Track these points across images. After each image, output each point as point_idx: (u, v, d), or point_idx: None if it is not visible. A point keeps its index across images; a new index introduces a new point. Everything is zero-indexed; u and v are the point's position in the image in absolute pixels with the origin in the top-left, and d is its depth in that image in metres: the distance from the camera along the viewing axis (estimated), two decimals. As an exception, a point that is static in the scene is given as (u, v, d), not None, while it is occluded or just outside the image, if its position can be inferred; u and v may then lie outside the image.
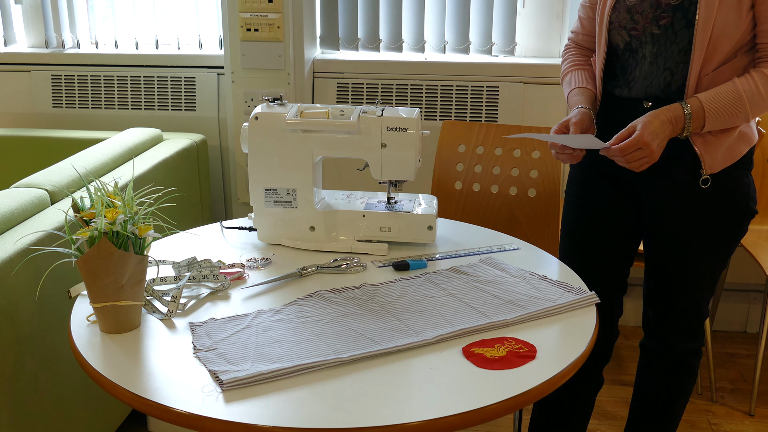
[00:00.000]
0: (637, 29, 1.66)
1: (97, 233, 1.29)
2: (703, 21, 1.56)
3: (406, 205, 1.79)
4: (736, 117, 1.59)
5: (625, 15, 1.68)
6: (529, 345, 1.32)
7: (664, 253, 1.77)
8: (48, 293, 1.76)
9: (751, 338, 3.02)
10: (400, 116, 1.69)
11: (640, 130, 1.55)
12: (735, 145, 1.65)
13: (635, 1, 1.66)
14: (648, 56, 1.67)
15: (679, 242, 1.73)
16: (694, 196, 1.67)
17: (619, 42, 1.71)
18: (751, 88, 1.57)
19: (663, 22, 1.62)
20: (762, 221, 2.67)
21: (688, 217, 1.70)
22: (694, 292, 1.77)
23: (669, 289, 1.79)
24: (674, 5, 1.60)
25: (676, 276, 1.77)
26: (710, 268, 1.76)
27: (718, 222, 1.70)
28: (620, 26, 1.69)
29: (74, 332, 1.37)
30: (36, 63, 3.12)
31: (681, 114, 1.58)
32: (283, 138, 1.71)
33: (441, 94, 2.89)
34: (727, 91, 1.58)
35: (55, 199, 2.03)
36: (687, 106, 1.58)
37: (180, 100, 3.06)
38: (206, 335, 1.34)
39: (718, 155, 1.64)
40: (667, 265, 1.77)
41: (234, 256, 1.71)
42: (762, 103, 1.58)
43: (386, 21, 2.94)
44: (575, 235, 1.89)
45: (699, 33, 1.57)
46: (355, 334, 1.35)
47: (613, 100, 1.76)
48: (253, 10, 2.74)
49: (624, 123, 1.61)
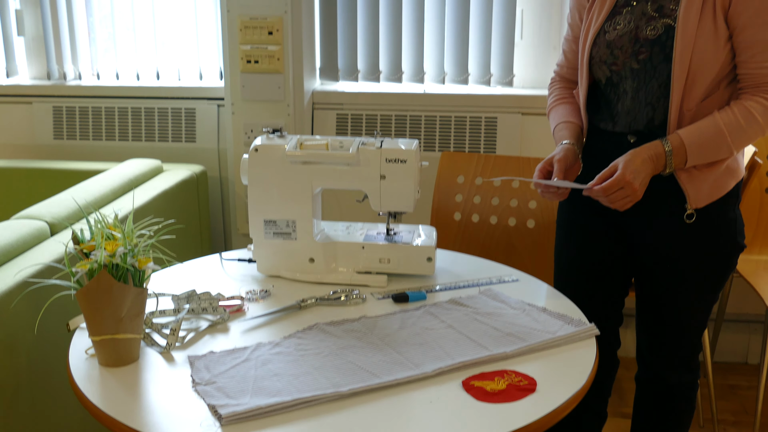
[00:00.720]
0: (617, 64, 1.67)
1: (96, 266, 1.29)
2: (680, 55, 1.57)
3: (406, 236, 1.79)
4: (719, 151, 1.59)
5: (605, 50, 1.69)
6: (529, 378, 1.31)
7: (654, 287, 1.77)
8: (47, 326, 1.76)
9: (753, 369, 3.01)
10: (399, 148, 1.70)
11: (621, 169, 1.55)
12: (721, 179, 1.65)
13: (615, 36, 1.67)
14: (629, 91, 1.68)
15: (668, 277, 1.73)
16: (680, 231, 1.67)
17: (601, 77, 1.73)
18: (731, 120, 1.57)
19: (642, 56, 1.63)
20: (761, 251, 2.67)
21: (675, 252, 1.69)
22: (686, 325, 1.76)
23: (660, 322, 1.78)
24: (652, 40, 1.61)
25: (666, 310, 1.76)
26: (700, 303, 1.75)
27: (706, 257, 1.69)
28: (601, 61, 1.70)
29: (73, 365, 1.36)
30: (37, 95, 3.14)
31: (662, 151, 1.58)
32: (282, 170, 1.71)
33: (440, 125, 2.90)
34: (708, 125, 1.58)
35: (55, 230, 2.03)
36: (667, 142, 1.59)
37: (180, 132, 3.08)
38: (205, 368, 1.34)
39: (703, 190, 1.63)
40: (658, 298, 1.77)
41: (233, 288, 1.71)
42: (743, 135, 1.58)
43: (386, 52, 2.96)
44: (567, 267, 1.89)
45: (677, 67, 1.58)
46: (354, 367, 1.34)
47: (600, 133, 1.76)
48: (254, 42, 2.77)
49: (610, 157, 1.61)
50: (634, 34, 1.64)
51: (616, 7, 1.69)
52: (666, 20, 1.60)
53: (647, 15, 1.63)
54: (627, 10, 1.67)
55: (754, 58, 1.55)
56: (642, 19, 1.64)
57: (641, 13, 1.64)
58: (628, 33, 1.65)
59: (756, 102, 1.56)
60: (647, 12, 1.63)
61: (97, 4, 3.15)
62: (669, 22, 1.59)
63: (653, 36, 1.61)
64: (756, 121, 1.56)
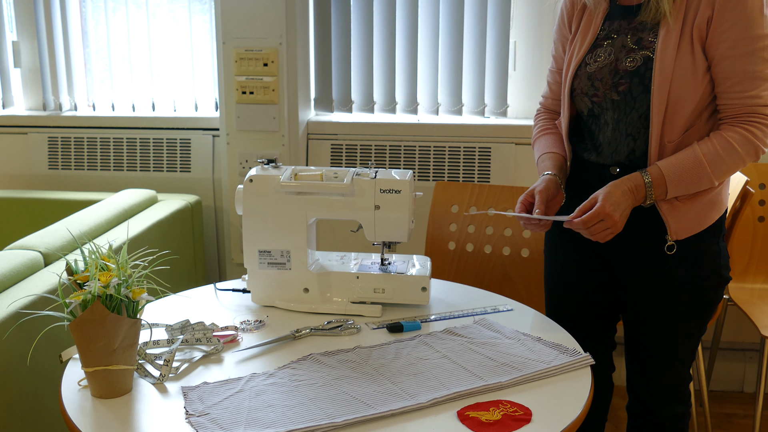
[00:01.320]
0: (598, 96, 1.68)
1: (90, 297, 1.29)
2: (659, 86, 1.58)
3: (400, 266, 1.80)
4: (699, 181, 1.59)
5: (587, 82, 1.70)
6: (525, 408, 1.31)
7: (638, 318, 1.75)
8: (39, 357, 1.75)
9: (749, 398, 3.00)
10: (393, 178, 1.71)
11: (601, 201, 1.56)
12: (703, 211, 1.64)
13: (595, 68, 1.68)
14: (610, 122, 1.68)
15: (650, 308, 1.71)
16: (661, 263, 1.66)
17: (583, 108, 1.74)
18: (711, 151, 1.57)
19: (621, 88, 1.64)
20: (755, 280, 2.67)
21: (657, 283, 1.69)
22: (673, 357, 1.75)
23: (646, 354, 1.77)
24: (631, 71, 1.62)
25: (651, 341, 1.75)
26: (685, 335, 1.73)
27: (688, 289, 1.68)
28: (582, 93, 1.71)
29: (65, 397, 1.35)
30: (33, 125, 3.15)
31: (641, 183, 1.58)
32: (277, 200, 1.72)
33: (434, 155, 2.92)
34: (687, 156, 1.58)
35: (49, 261, 2.03)
36: (646, 174, 1.59)
37: (175, 162, 3.09)
38: (199, 400, 1.33)
39: (684, 221, 1.63)
40: (642, 329, 1.75)
41: (227, 318, 1.70)
42: (723, 165, 1.58)
43: (380, 83, 2.99)
44: (556, 296, 1.89)
45: (655, 98, 1.59)
46: (348, 397, 1.34)
47: (584, 164, 1.76)
48: (249, 74, 2.79)
49: (594, 188, 1.61)
50: (614, 66, 1.65)
51: (597, 40, 1.70)
52: (645, 52, 1.61)
53: (627, 47, 1.64)
54: (608, 42, 1.67)
55: (733, 89, 1.56)
56: (622, 51, 1.64)
57: (621, 46, 1.65)
58: (608, 65, 1.66)
59: (735, 132, 1.57)
60: (627, 44, 1.64)
61: (93, 36, 3.18)
62: (648, 54, 1.61)
63: (632, 67, 1.62)
64: (735, 151, 1.56)
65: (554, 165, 1.76)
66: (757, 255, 2.68)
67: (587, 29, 1.72)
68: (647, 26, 1.62)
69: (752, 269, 2.68)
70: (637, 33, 1.64)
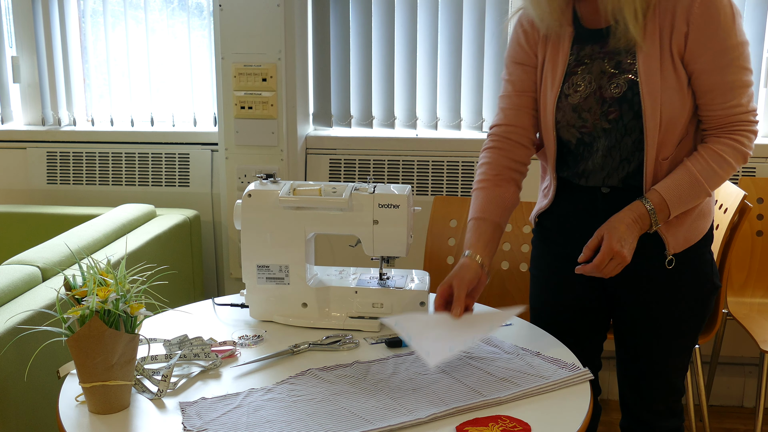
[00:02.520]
0: (587, 126, 1.64)
1: (88, 312, 1.29)
2: (650, 110, 1.56)
3: (399, 281, 1.79)
4: (698, 197, 1.60)
5: (572, 114, 1.64)
6: (523, 423, 1.30)
7: (633, 333, 1.74)
8: (37, 372, 1.74)
9: (748, 413, 2.99)
10: (391, 193, 1.71)
11: (606, 240, 1.54)
12: (696, 223, 1.65)
13: (579, 99, 1.63)
14: (601, 149, 1.65)
15: (647, 321, 1.71)
16: (660, 277, 1.66)
17: (570, 138, 1.68)
18: (705, 167, 1.57)
19: (612, 116, 1.60)
20: (753, 294, 2.67)
21: (655, 296, 1.68)
22: (667, 370, 1.74)
23: (641, 367, 1.76)
24: (618, 98, 1.59)
25: (647, 356, 1.74)
26: (680, 346, 1.73)
27: (685, 300, 1.68)
28: (569, 125, 1.66)
29: (62, 413, 1.35)
30: (32, 140, 3.16)
31: (645, 211, 1.57)
32: (275, 215, 1.72)
33: (432, 170, 2.92)
34: (683, 176, 1.58)
35: (47, 276, 2.02)
36: (647, 201, 1.58)
37: (174, 176, 3.09)
38: (197, 415, 1.32)
39: (680, 235, 1.63)
40: (638, 345, 1.74)
41: (225, 333, 1.70)
42: (718, 178, 1.59)
43: (378, 98, 3.00)
44: (542, 314, 1.84)
45: (649, 123, 1.57)
46: (347, 413, 1.33)
47: (571, 186, 1.73)
48: (248, 89, 2.80)
49: (587, 212, 1.61)
50: (599, 95, 1.61)
51: (569, 67, 1.64)
52: (627, 75, 1.58)
53: (607, 73, 1.60)
54: (582, 69, 1.63)
55: (715, 101, 1.57)
56: (603, 77, 1.60)
57: (600, 72, 1.61)
58: (593, 94, 1.61)
59: (724, 144, 1.57)
60: (606, 70, 1.60)
61: (92, 51, 3.19)
62: (630, 77, 1.58)
63: (618, 94, 1.59)
64: (727, 162, 1.58)
65: (478, 238, 1.65)
66: (756, 269, 2.68)
67: (556, 56, 1.66)
68: (622, 48, 1.59)
69: (751, 283, 2.68)
70: (614, 57, 1.60)
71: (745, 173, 2.78)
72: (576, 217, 1.71)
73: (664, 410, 1.78)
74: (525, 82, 1.72)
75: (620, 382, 1.83)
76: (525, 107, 1.73)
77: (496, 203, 1.70)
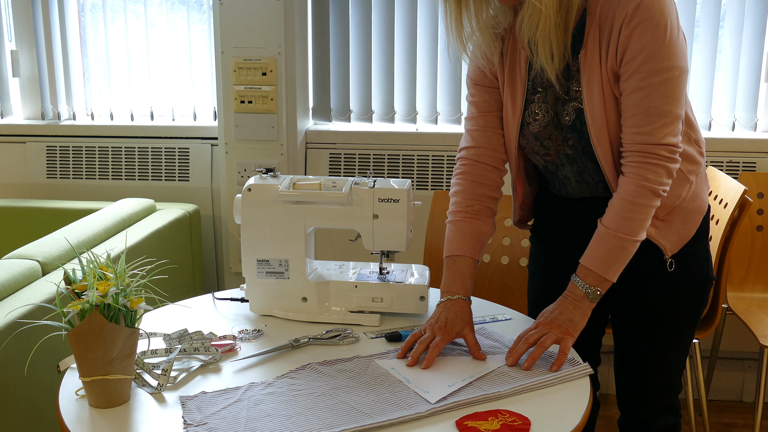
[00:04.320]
0: (550, 154, 1.61)
1: (88, 306, 1.29)
2: (597, 139, 1.52)
3: (398, 275, 1.79)
4: (626, 250, 1.52)
5: (534, 142, 1.61)
6: (523, 417, 1.31)
7: (631, 329, 1.73)
8: (37, 366, 1.74)
9: (748, 407, 2.99)
10: (391, 187, 1.71)
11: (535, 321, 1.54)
12: (688, 220, 1.61)
13: (539, 128, 1.59)
14: (571, 176, 1.63)
15: (647, 318, 1.70)
16: (659, 273, 1.64)
17: (538, 162, 1.67)
18: (616, 221, 1.51)
19: (571, 142, 1.57)
20: (753, 289, 2.67)
21: (655, 296, 1.67)
22: (666, 367, 1.74)
23: (639, 365, 1.75)
24: (569, 126, 1.56)
25: (645, 352, 1.73)
26: (680, 343, 1.72)
27: (684, 296, 1.67)
28: (533, 152, 1.64)
29: (62, 407, 1.35)
30: (31, 134, 3.15)
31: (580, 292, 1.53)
32: (275, 209, 1.72)
33: (432, 164, 2.92)
34: (601, 239, 1.52)
35: (47, 270, 2.02)
36: (578, 279, 1.54)
37: (174, 171, 3.09)
38: (197, 409, 1.32)
39: (674, 237, 1.60)
40: (636, 340, 1.74)
41: (225, 327, 1.70)
42: (636, 223, 1.51)
43: (378, 92, 2.99)
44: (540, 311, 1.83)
45: (599, 150, 1.53)
46: (347, 407, 1.33)
47: (551, 196, 1.71)
48: (247, 83, 2.80)
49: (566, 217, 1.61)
50: (556, 122, 1.57)
51: (527, 94, 1.59)
52: (574, 104, 1.54)
53: (561, 99, 1.56)
54: (538, 97, 1.58)
55: (627, 122, 1.49)
56: (557, 104, 1.57)
57: (554, 99, 1.57)
58: (551, 122, 1.58)
59: (629, 185, 1.50)
60: (559, 96, 1.56)
61: (92, 45, 3.18)
62: (578, 105, 1.53)
63: (569, 122, 1.55)
64: (640, 204, 1.50)
65: (460, 279, 1.61)
66: (756, 264, 2.68)
67: (514, 81, 1.61)
68: (571, 73, 1.53)
69: (751, 278, 2.68)
70: (566, 82, 1.55)
71: (746, 168, 2.78)
72: (566, 216, 1.70)
73: (662, 407, 1.78)
74: (489, 102, 1.67)
75: (617, 380, 1.82)
76: (491, 127, 1.68)
77: (472, 238, 1.65)
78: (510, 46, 1.61)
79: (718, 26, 2.76)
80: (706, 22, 2.76)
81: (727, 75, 2.81)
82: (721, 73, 2.82)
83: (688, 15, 2.74)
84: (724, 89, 2.82)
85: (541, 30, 1.46)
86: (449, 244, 1.66)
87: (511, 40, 1.61)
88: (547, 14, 1.44)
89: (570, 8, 1.48)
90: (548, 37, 1.47)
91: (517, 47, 1.60)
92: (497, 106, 1.68)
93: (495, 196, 1.70)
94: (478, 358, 1.51)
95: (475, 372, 1.45)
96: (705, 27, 2.76)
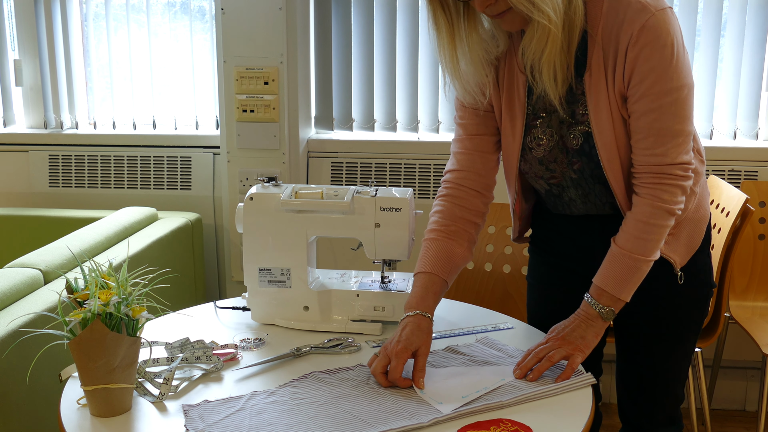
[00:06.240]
0: (555, 177, 1.59)
1: (90, 315, 1.29)
2: (608, 162, 1.51)
3: (400, 284, 1.79)
4: (640, 270, 1.51)
5: (539, 166, 1.59)
6: (525, 427, 1.30)
7: (634, 337, 1.72)
8: (39, 375, 1.74)
9: (751, 416, 2.98)
10: (393, 196, 1.71)
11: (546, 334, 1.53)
12: (692, 233, 1.61)
13: (543, 153, 1.57)
14: (576, 198, 1.61)
15: (650, 331, 1.69)
16: (666, 290, 1.63)
17: (539, 188, 1.65)
18: (631, 242, 1.50)
19: (576, 167, 1.56)
20: (756, 298, 2.67)
21: (658, 306, 1.66)
22: (669, 378, 1.73)
23: (642, 377, 1.74)
24: (577, 150, 1.54)
25: (648, 364, 1.72)
26: (680, 352, 1.72)
27: (688, 306, 1.67)
28: (536, 176, 1.62)
29: (64, 416, 1.35)
30: (34, 143, 3.16)
31: (594, 312, 1.52)
32: (277, 218, 1.72)
33: (434, 173, 2.92)
34: (615, 259, 1.51)
35: (49, 279, 2.02)
36: (591, 299, 1.53)
37: (176, 179, 3.09)
38: (199, 418, 1.32)
39: (682, 250, 1.60)
40: (639, 350, 1.73)
41: (227, 336, 1.70)
42: (651, 244, 1.50)
43: (380, 101, 3.00)
44: (540, 322, 1.80)
45: (609, 174, 1.52)
46: (349, 416, 1.33)
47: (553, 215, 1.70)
48: (250, 92, 2.80)
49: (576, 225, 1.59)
50: (562, 145, 1.55)
51: (528, 119, 1.57)
52: (581, 127, 1.52)
53: (566, 122, 1.54)
54: (540, 121, 1.56)
55: (639, 144, 1.48)
56: (562, 127, 1.54)
57: (559, 122, 1.55)
58: (557, 145, 1.56)
59: (644, 205, 1.49)
60: (564, 119, 1.54)
61: (94, 54, 3.19)
62: (585, 129, 1.52)
63: (577, 146, 1.53)
64: (654, 225, 1.49)
65: (426, 296, 1.57)
66: (758, 273, 2.68)
67: (512, 105, 1.58)
68: (576, 96, 1.52)
69: (753, 287, 2.68)
70: (570, 105, 1.53)
71: (747, 177, 2.78)
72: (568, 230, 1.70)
73: (664, 418, 1.77)
74: (478, 125, 1.64)
75: (619, 390, 1.81)
76: (478, 150, 1.65)
77: (444, 259, 1.61)
78: (506, 73, 1.59)
79: (720, 35, 2.77)
80: (707, 31, 2.77)
81: (728, 84, 2.81)
82: (722, 82, 2.82)
83: (689, 24, 2.75)
84: (726, 98, 2.83)
85: (548, 51, 1.44)
86: (419, 261, 1.62)
87: (506, 67, 1.59)
88: (556, 34, 1.42)
89: (572, 29, 1.46)
90: (553, 59, 1.46)
91: (513, 73, 1.58)
92: (486, 130, 1.65)
93: (475, 221, 1.66)
94: (417, 386, 1.42)
95: (489, 384, 1.44)
96: (706, 36, 2.77)
